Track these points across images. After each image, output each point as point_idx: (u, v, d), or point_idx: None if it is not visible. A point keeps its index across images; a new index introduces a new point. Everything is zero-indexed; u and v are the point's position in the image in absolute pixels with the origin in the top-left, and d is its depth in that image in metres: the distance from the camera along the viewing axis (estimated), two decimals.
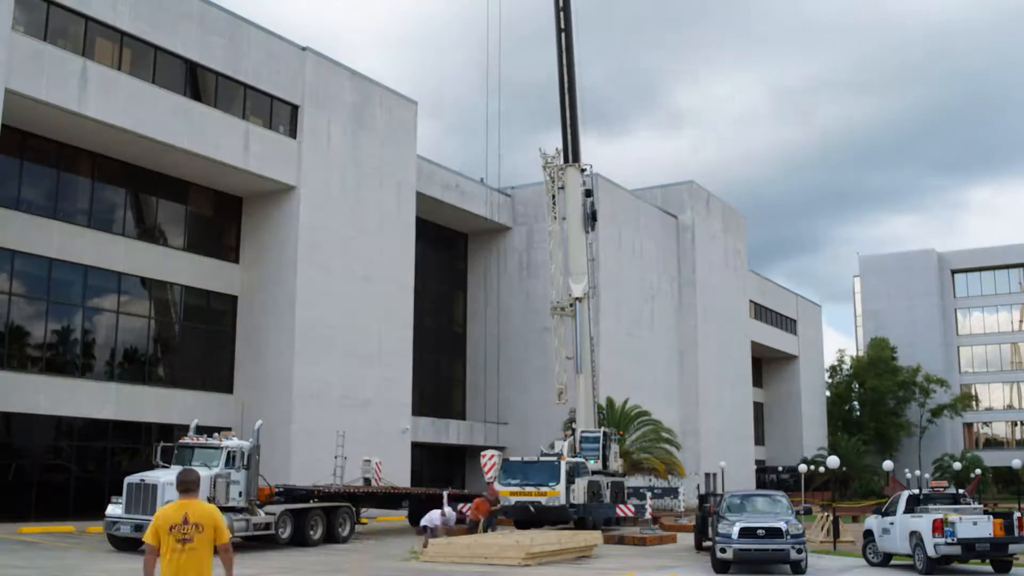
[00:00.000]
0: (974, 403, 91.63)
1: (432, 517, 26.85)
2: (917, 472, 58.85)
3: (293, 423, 33.49)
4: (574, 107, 35.86)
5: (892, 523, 21.97)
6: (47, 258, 30.02)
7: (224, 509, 22.40)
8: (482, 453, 33.01)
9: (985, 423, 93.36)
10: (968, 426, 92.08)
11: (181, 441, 23.66)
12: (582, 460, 31.39)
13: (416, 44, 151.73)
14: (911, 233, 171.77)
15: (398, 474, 35.48)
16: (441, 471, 46.04)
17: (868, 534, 23.27)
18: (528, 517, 28.55)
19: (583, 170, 36.08)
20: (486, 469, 31.83)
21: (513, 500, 29.17)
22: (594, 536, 24.90)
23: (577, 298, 34.94)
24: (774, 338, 73.90)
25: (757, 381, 74.46)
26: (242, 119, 33.33)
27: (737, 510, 21.77)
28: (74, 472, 30.89)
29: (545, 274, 41.76)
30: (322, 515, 25.76)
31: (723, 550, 20.29)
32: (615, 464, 34.15)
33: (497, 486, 29.73)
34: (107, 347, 32.11)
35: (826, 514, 32.00)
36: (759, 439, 72.54)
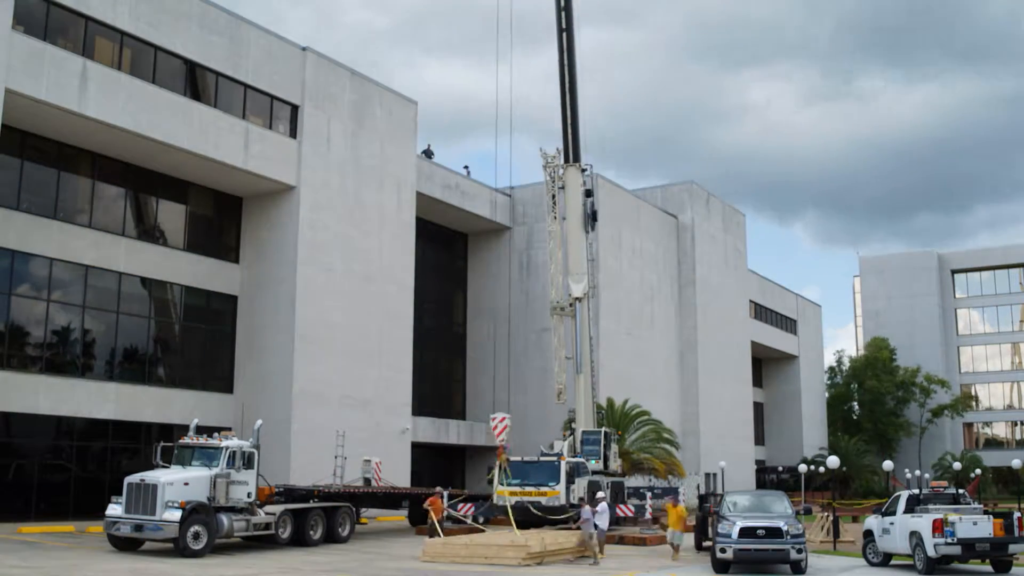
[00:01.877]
0: (974, 403, 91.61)
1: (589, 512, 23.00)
2: (917, 472, 58.81)
3: (293, 423, 33.47)
4: (575, 106, 35.85)
5: (892, 523, 22.00)
6: (47, 258, 30.02)
7: (224, 509, 22.47)
8: (491, 416, 31.95)
9: (985, 423, 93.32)
10: (968, 426, 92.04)
11: (181, 441, 23.70)
12: (582, 460, 31.40)
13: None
14: None
15: (398, 474, 35.50)
16: (441, 471, 45.98)
17: (868, 534, 23.31)
18: (528, 517, 28.54)
19: (583, 170, 36.11)
20: (497, 432, 31.08)
21: (513, 500, 29.17)
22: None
23: (577, 298, 34.95)
24: (774, 338, 73.86)
25: (757, 381, 74.44)
26: (242, 119, 33.32)
27: (737, 510, 21.80)
28: (74, 472, 30.88)
29: (545, 274, 41.75)
30: (322, 515, 25.77)
31: (723, 550, 20.33)
32: (615, 464, 34.16)
33: (497, 485, 29.71)
34: (107, 347, 32.11)
35: (826, 514, 32.00)
36: (759, 439, 72.53)
